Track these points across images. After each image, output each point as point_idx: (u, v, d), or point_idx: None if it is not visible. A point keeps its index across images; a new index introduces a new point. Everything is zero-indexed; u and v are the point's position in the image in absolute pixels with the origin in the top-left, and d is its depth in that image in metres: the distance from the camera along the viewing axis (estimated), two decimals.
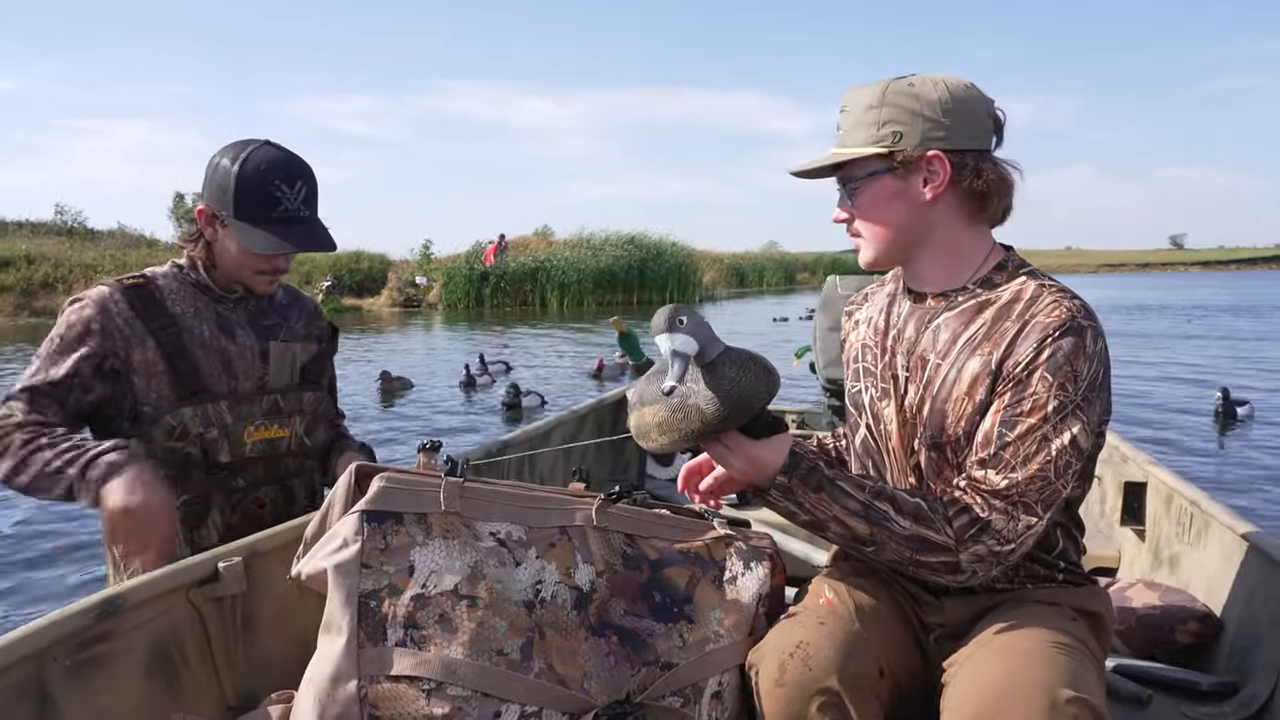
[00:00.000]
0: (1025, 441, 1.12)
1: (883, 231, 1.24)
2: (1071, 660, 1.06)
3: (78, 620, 1.17)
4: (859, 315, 1.40)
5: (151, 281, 1.65)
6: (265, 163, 1.59)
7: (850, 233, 1.28)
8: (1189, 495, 1.95)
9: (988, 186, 1.20)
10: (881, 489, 1.17)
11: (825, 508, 1.16)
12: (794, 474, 1.17)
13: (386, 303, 25.02)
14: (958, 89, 1.20)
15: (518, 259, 25.59)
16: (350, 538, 1.11)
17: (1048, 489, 1.12)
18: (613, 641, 1.17)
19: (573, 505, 1.25)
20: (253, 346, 1.70)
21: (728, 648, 1.22)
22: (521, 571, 1.16)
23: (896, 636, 1.23)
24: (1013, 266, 1.24)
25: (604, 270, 25.47)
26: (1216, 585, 1.74)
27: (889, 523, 1.14)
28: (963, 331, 1.21)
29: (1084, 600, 1.24)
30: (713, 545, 1.30)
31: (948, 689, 1.10)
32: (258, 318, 1.74)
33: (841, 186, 1.26)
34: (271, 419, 1.70)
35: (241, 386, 1.67)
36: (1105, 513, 2.43)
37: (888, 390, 1.28)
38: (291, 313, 1.81)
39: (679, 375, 1.09)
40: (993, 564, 1.13)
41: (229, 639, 1.39)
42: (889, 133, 1.19)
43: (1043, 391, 1.12)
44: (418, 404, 8.53)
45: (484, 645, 1.08)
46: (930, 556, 1.14)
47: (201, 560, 1.38)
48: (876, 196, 1.22)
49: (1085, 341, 1.13)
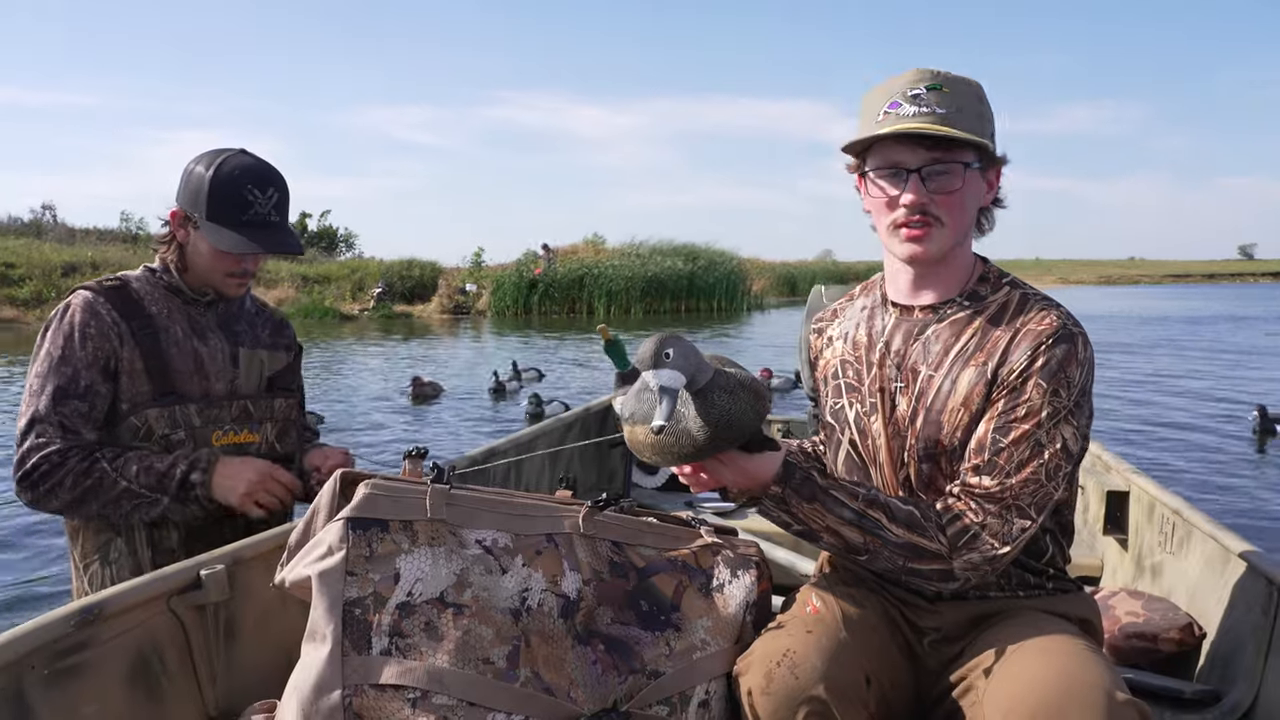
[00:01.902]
0: (1019, 446, 1.13)
1: (960, 223, 1.21)
2: (1109, 664, 1.06)
3: (56, 628, 1.16)
4: (831, 331, 1.39)
5: (128, 284, 1.67)
6: (239, 168, 1.63)
7: (916, 220, 1.18)
8: (1171, 504, 1.97)
9: (997, 201, 1.26)
10: (875, 497, 1.17)
11: (819, 518, 1.17)
12: (788, 484, 1.17)
13: (436, 309, 25.38)
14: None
15: (566, 266, 25.66)
16: (335, 545, 1.10)
17: (1040, 491, 1.13)
18: (600, 650, 1.16)
19: (560, 513, 1.25)
20: (224, 349, 1.72)
21: (714, 656, 1.22)
22: (508, 579, 1.15)
23: (884, 645, 1.23)
24: (994, 277, 1.26)
25: (652, 278, 25.39)
26: (1199, 594, 1.75)
27: (882, 531, 1.15)
28: (954, 343, 1.22)
29: (1074, 607, 1.25)
30: (700, 553, 1.30)
31: (984, 692, 1.09)
32: (228, 323, 1.75)
33: (939, 166, 1.17)
34: (241, 424, 1.72)
35: (213, 388, 1.69)
36: (1088, 522, 2.45)
37: (876, 405, 1.27)
38: (258, 322, 1.83)
39: (666, 414, 1.09)
40: (986, 570, 1.14)
41: (211, 647, 1.38)
42: (992, 132, 1.20)
43: (1037, 398, 1.13)
44: (445, 409, 8.60)
45: (470, 654, 1.08)
46: (924, 564, 1.14)
47: (183, 567, 1.36)
48: (968, 188, 1.20)
49: (1077, 348, 1.15)
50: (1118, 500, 2.23)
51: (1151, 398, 9.15)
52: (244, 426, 1.72)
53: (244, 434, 1.72)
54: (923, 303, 1.27)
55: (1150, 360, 12.75)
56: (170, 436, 1.62)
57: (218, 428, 1.68)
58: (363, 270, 26.36)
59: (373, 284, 25.21)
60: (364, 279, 25.81)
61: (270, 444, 1.77)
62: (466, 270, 27.53)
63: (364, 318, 23.67)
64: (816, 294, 3.57)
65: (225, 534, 1.62)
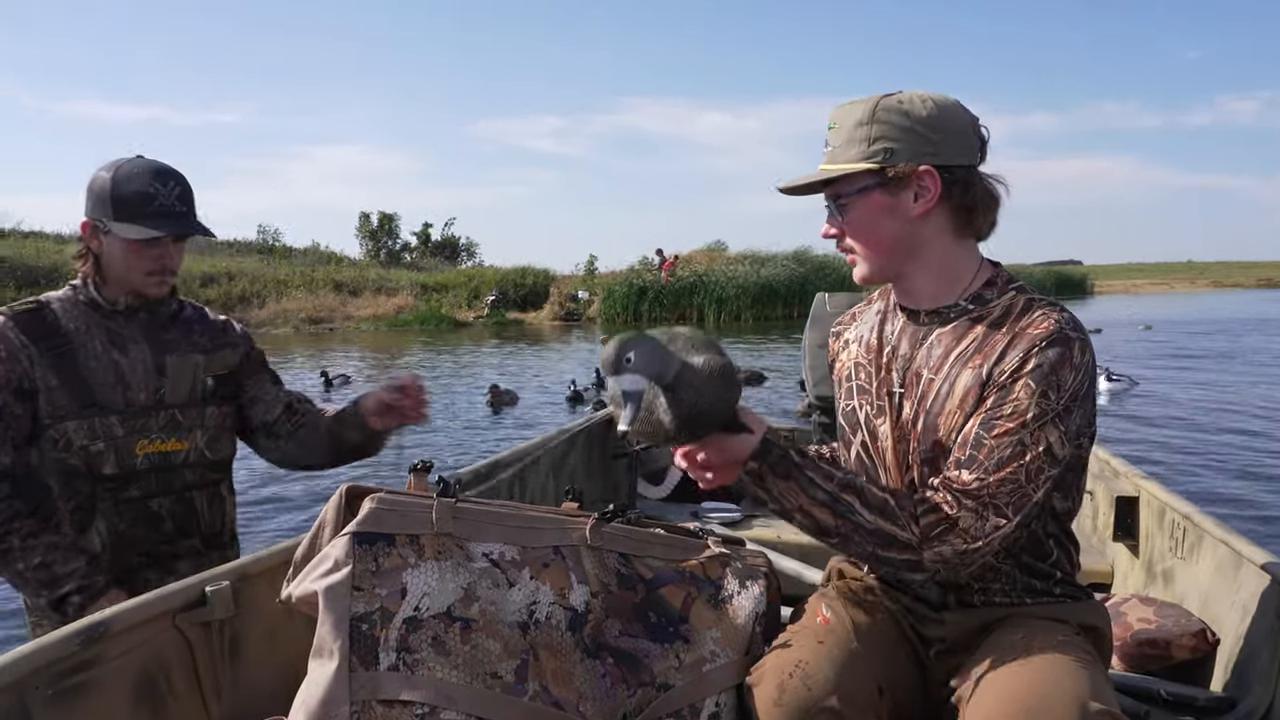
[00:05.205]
0: (1001, 445, 1.13)
1: (874, 246, 1.25)
2: (1091, 673, 1.05)
3: (60, 647, 1.15)
4: (848, 335, 1.41)
5: (45, 306, 1.70)
6: (138, 168, 1.68)
7: (841, 248, 1.29)
8: (1181, 509, 1.95)
9: (975, 201, 1.22)
10: (850, 481, 1.16)
11: (793, 496, 1.16)
12: (765, 460, 1.17)
13: (548, 316, 25.90)
14: (946, 106, 1.21)
15: (683, 272, 25.82)
16: (341, 560, 1.09)
17: (1019, 492, 1.12)
18: (608, 663, 1.16)
19: (566, 524, 1.24)
20: (146, 360, 1.73)
21: (724, 667, 1.21)
22: (515, 593, 1.14)
23: (895, 654, 1.23)
24: (1002, 282, 1.25)
25: (764, 285, 25.43)
26: (1211, 599, 1.73)
27: (854, 515, 1.14)
28: (955, 346, 1.22)
29: (1083, 615, 1.24)
30: (708, 564, 1.29)
31: (968, 702, 1.09)
32: (156, 333, 1.76)
33: (831, 202, 1.26)
34: (169, 432, 1.73)
35: (135, 399, 1.70)
36: (1098, 528, 2.43)
37: (883, 407, 1.28)
38: (196, 328, 1.84)
39: (630, 419, 1.11)
40: (956, 564, 1.13)
41: (216, 665, 1.37)
42: (880, 149, 1.20)
43: (1024, 398, 1.13)
44: (518, 419, 8.73)
45: (478, 668, 1.07)
46: (893, 553, 1.14)
47: (188, 585, 1.35)
48: (867, 212, 1.23)
49: (1072, 353, 1.14)
50: (1127, 506, 2.21)
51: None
52: (171, 435, 1.73)
53: (171, 442, 1.73)
54: (926, 307, 1.27)
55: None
56: (89, 448, 1.64)
57: (143, 437, 1.69)
58: (479, 278, 27.35)
59: (487, 292, 25.99)
60: (479, 287, 26.67)
61: (200, 451, 1.78)
62: (579, 278, 27.90)
63: (478, 325, 24.12)
64: (820, 301, 3.57)
65: (151, 582, 1.62)
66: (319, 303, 25.21)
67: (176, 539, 1.75)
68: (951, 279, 1.25)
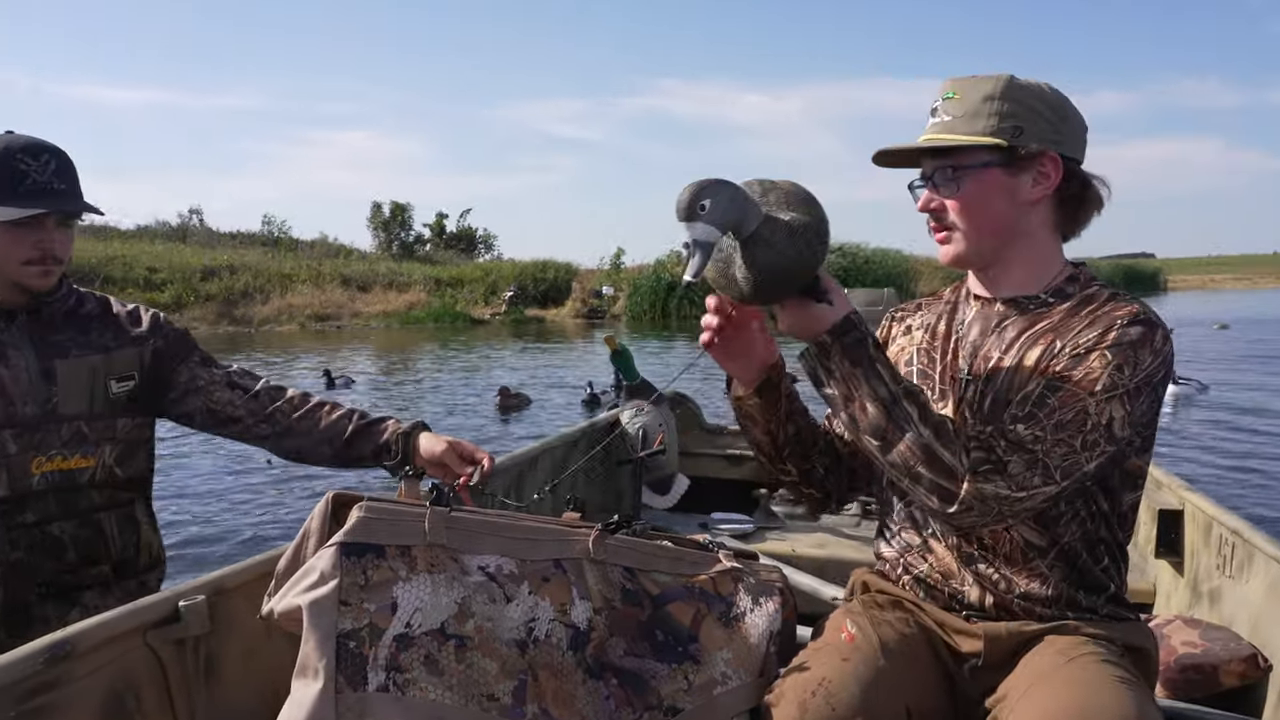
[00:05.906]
0: (1065, 408, 1.08)
1: (980, 226, 1.21)
2: (1138, 697, 1.00)
3: (24, 666, 1.08)
4: (911, 321, 1.38)
5: None
6: (3, 145, 1.51)
7: (938, 226, 1.24)
8: (1230, 524, 1.84)
9: (1089, 197, 1.22)
10: (914, 390, 1.12)
11: (854, 384, 1.11)
12: (840, 338, 1.12)
13: (569, 313, 24.92)
14: (1063, 96, 1.20)
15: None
16: (327, 572, 1.03)
17: (1071, 458, 1.07)
18: (612, 684, 1.10)
19: (568, 536, 1.18)
20: (31, 367, 1.55)
21: (736, 690, 1.15)
22: (513, 609, 1.08)
23: (924, 672, 1.17)
24: (1085, 278, 1.23)
25: None
26: (1263, 622, 1.64)
27: (908, 424, 1.09)
28: (1028, 328, 1.20)
29: (1129, 635, 1.18)
30: (719, 579, 1.23)
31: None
32: (42, 335, 1.59)
33: (941, 174, 1.21)
34: (72, 448, 1.57)
35: (21, 412, 1.53)
36: (1138, 544, 2.30)
37: (946, 391, 1.25)
38: (96, 325, 1.66)
39: (695, 270, 1.04)
40: (993, 508, 1.07)
41: (190, 685, 1.31)
42: (1010, 126, 1.17)
43: (1098, 367, 1.09)
44: (528, 422, 8.54)
45: (473, 689, 1.01)
46: (932, 473, 1.08)
47: (160, 599, 1.29)
48: (983, 188, 1.19)
49: (1154, 336, 1.11)
50: (1171, 520, 2.09)
51: None
52: (75, 451, 1.57)
53: (75, 459, 1.57)
54: (1005, 295, 1.25)
55: None
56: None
57: (40, 454, 1.53)
58: (496, 272, 26.03)
59: (505, 287, 24.89)
60: (497, 282, 25.53)
61: (108, 469, 1.62)
62: (604, 272, 26.83)
63: (495, 322, 23.23)
64: None
65: (50, 618, 1.50)
66: (326, 298, 24.11)
67: (81, 568, 1.58)
68: (1039, 272, 1.23)
